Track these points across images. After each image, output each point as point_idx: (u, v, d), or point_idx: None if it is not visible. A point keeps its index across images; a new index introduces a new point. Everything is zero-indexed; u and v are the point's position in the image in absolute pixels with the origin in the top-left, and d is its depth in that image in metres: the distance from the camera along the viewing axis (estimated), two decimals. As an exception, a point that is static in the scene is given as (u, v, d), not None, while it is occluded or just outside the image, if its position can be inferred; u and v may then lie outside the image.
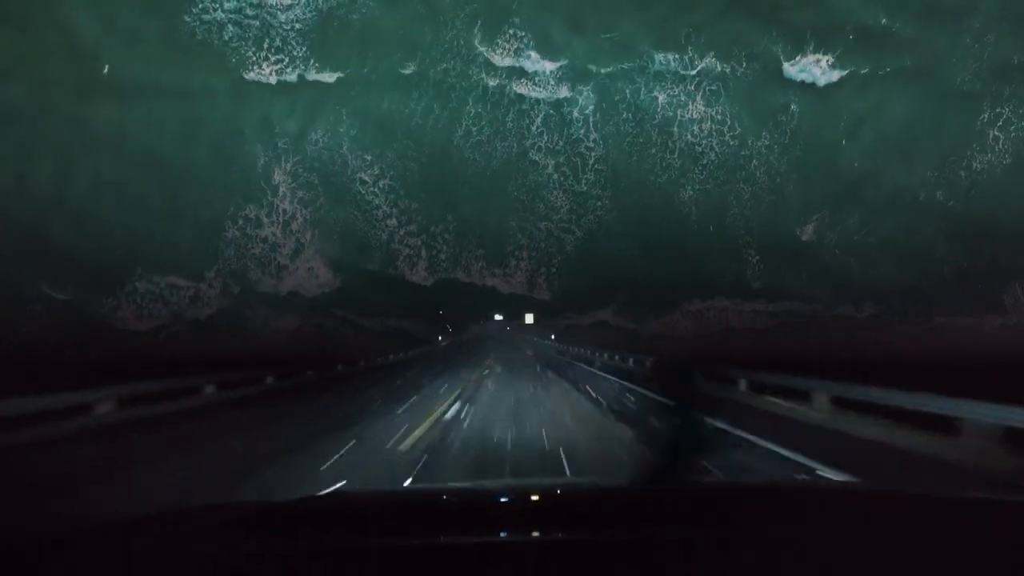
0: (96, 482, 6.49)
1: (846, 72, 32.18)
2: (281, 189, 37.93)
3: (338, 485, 5.97)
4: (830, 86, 32.72)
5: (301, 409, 13.59)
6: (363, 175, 38.57)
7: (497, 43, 36.70)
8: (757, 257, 35.33)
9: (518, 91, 36.17)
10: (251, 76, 36.61)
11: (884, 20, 31.10)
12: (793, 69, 32.36)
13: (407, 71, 37.23)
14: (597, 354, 28.97)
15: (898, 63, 32.02)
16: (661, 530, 1.26)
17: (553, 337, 49.88)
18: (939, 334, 31.58)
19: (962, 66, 30.52)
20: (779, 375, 11.42)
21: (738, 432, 8.30)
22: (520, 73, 36.02)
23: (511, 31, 36.51)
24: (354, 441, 8.98)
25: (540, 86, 36.27)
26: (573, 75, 35.61)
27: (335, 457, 7.87)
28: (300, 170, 38.08)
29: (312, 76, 37.36)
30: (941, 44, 30.80)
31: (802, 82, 32.91)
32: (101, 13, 35.11)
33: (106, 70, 34.61)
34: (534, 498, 1.81)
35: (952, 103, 30.66)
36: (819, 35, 33.13)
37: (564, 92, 35.89)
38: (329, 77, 37.20)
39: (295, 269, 37.99)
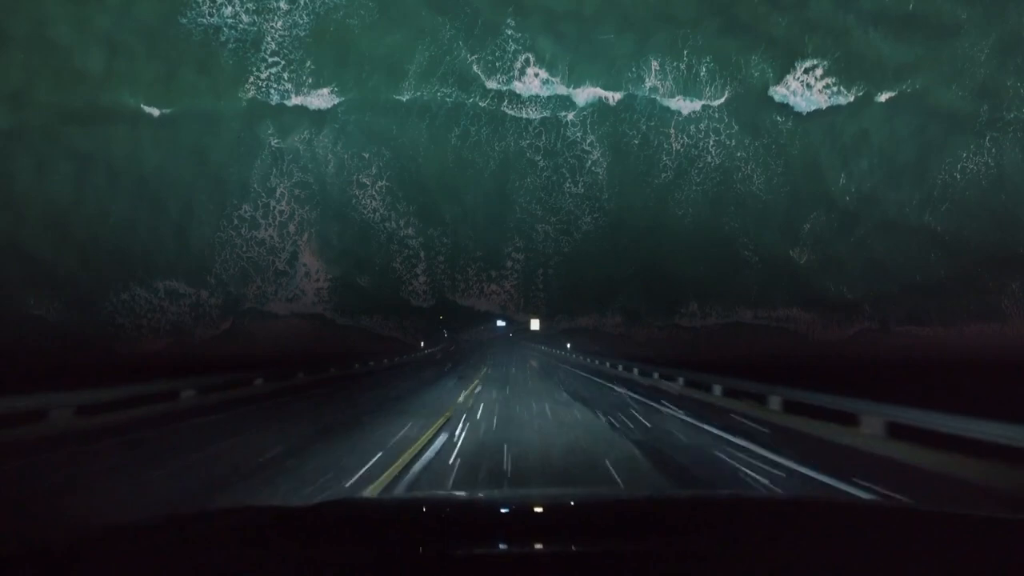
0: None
1: (837, 88, 34.50)
2: (279, 190, 39.57)
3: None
4: (820, 106, 34.88)
5: None
6: (361, 177, 40.30)
7: (496, 43, 38.33)
8: (756, 258, 36.92)
9: (515, 97, 37.85)
10: (249, 80, 38.57)
11: (876, 41, 33.59)
12: (792, 80, 35.13)
13: (405, 74, 38.86)
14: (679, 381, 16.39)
15: (892, 84, 33.98)
16: (665, 542, 1.33)
17: (569, 347, 44.15)
18: (937, 340, 33.91)
19: (952, 86, 32.57)
20: (928, 412, 7.09)
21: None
22: (519, 80, 37.60)
23: (508, 32, 38.27)
24: None
25: (536, 94, 37.78)
26: (570, 82, 37.24)
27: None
28: (295, 169, 39.75)
29: (309, 79, 39.06)
30: (932, 65, 32.90)
31: (790, 103, 35.21)
32: (96, 18, 37.19)
33: (122, 93, 37.14)
34: (537, 509, 1.90)
35: (942, 122, 32.74)
36: (812, 54, 35.11)
37: (561, 96, 37.58)
38: (326, 80, 38.96)
39: (293, 274, 39.60)
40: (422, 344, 48.25)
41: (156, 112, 38.46)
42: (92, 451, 7.65)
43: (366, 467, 6.55)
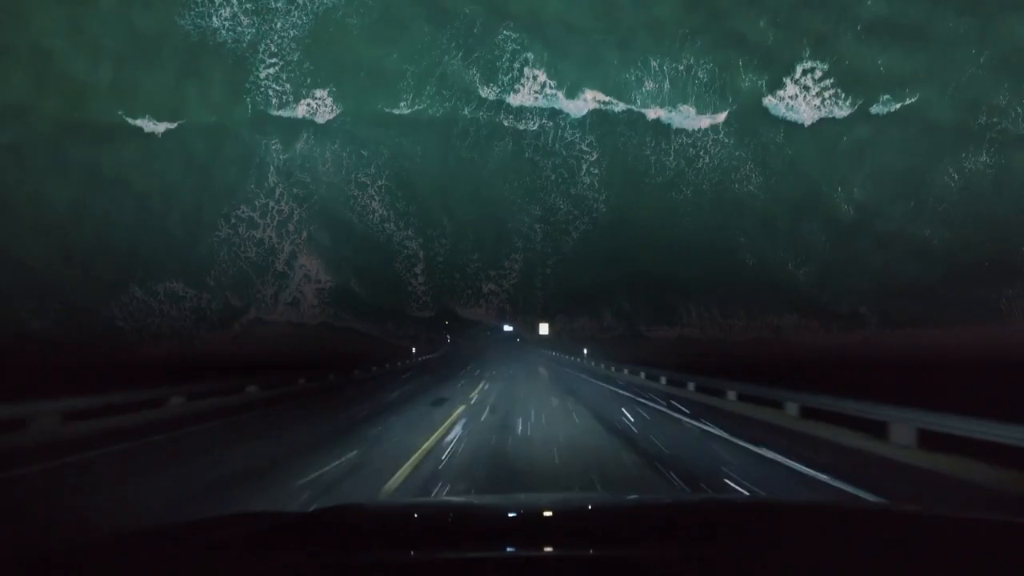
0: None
1: (835, 96, 36.77)
2: (278, 191, 41.51)
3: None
4: (816, 116, 37.15)
5: None
6: (360, 176, 42.00)
7: (495, 42, 40.03)
8: (754, 261, 38.84)
9: (514, 99, 39.95)
10: (248, 81, 40.48)
11: (872, 53, 35.74)
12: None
13: (405, 74, 40.65)
14: None
15: (887, 95, 36.18)
16: (674, 546, 1.41)
17: (586, 352, 41.44)
18: (935, 342, 36.78)
19: (947, 97, 34.75)
20: None
21: None
22: (518, 82, 39.69)
23: (506, 33, 40.14)
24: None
25: (535, 98, 39.96)
26: (568, 86, 39.35)
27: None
28: (293, 168, 41.46)
29: (308, 79, 40.90)
30: (927, 76, 35.10)
31: (786, 113, 37.66)
32: (92, 25, 39.23)
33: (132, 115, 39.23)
34: (546, 513, 1.99)
35: (937, 131, 34.90)
36: (808, 66, 37.26)
37: (560, 99, 39.81)
38: (324, 82, 40.94)
39: (292, 275, 41.54)
40: (413, 351, 44.40)
41: (154, 116, 40.48)
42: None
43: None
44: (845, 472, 6.69)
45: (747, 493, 5.82)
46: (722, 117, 38.28)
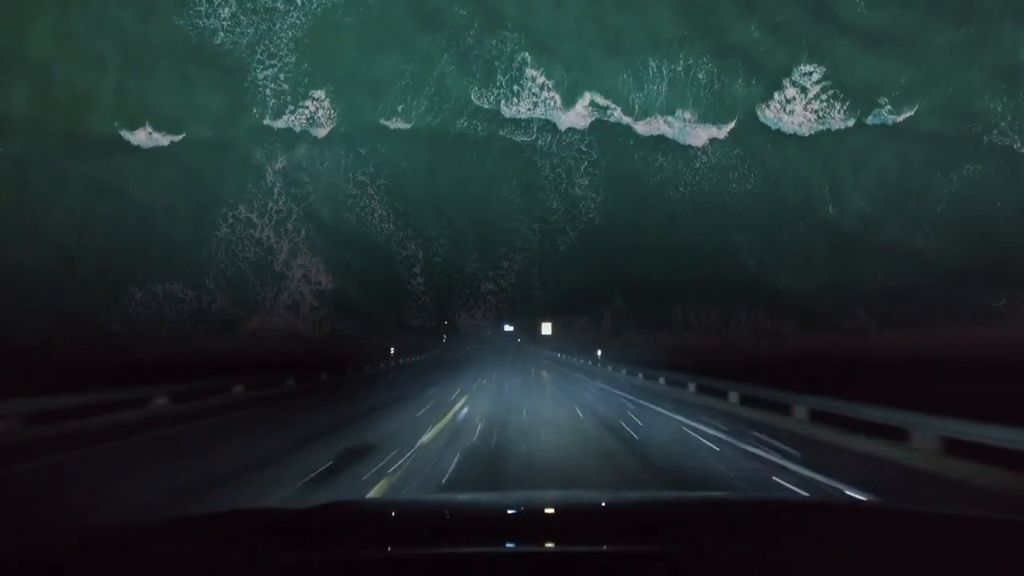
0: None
1: (829, 106, 38.97)
2: (276, 190, 43.03)
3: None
4: (813, 126, 39.06)
5: None
6: (358, 175, 43.61)
7: (494, 45, 41.69)
8: (753, 262, 40.18)
9: (513, 103, 41.80)
10: (247, 81, 42.30)
11: (867, 63, 37.68)
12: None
13: (404, 73, 42.31)
14: None
15: (881, 105, 38.11)
16: (674, 543, 1.44)
17: (600, 354, 35.00)
18: (932, 343, 38.59)
19: (943, 107, 36.45)
20: None
21: None
22: (517, 83, 41.54)
23: (505, 33, 41.80)
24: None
25: (534, 101, 41.81)
26: (567, 89, 41.13)
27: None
28: (289, 168, 43.16)
29: (305, 79, 42.76)
30: (924, 87, 36.96)
31: (782, 123, 39.58)
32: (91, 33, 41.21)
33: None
34: (547, 511, 2.07)
35: (933, 141, 36.61)
36: (806, 77, 39.35)
37: (558, 104, 41.57)
38: (322, 82, 42.70)
39: (290, 275, 42.90)
40: (392, 351, 40.21)
41: (153, 117, 42.16)
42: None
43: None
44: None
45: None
46: (723, 133, 40.13)
